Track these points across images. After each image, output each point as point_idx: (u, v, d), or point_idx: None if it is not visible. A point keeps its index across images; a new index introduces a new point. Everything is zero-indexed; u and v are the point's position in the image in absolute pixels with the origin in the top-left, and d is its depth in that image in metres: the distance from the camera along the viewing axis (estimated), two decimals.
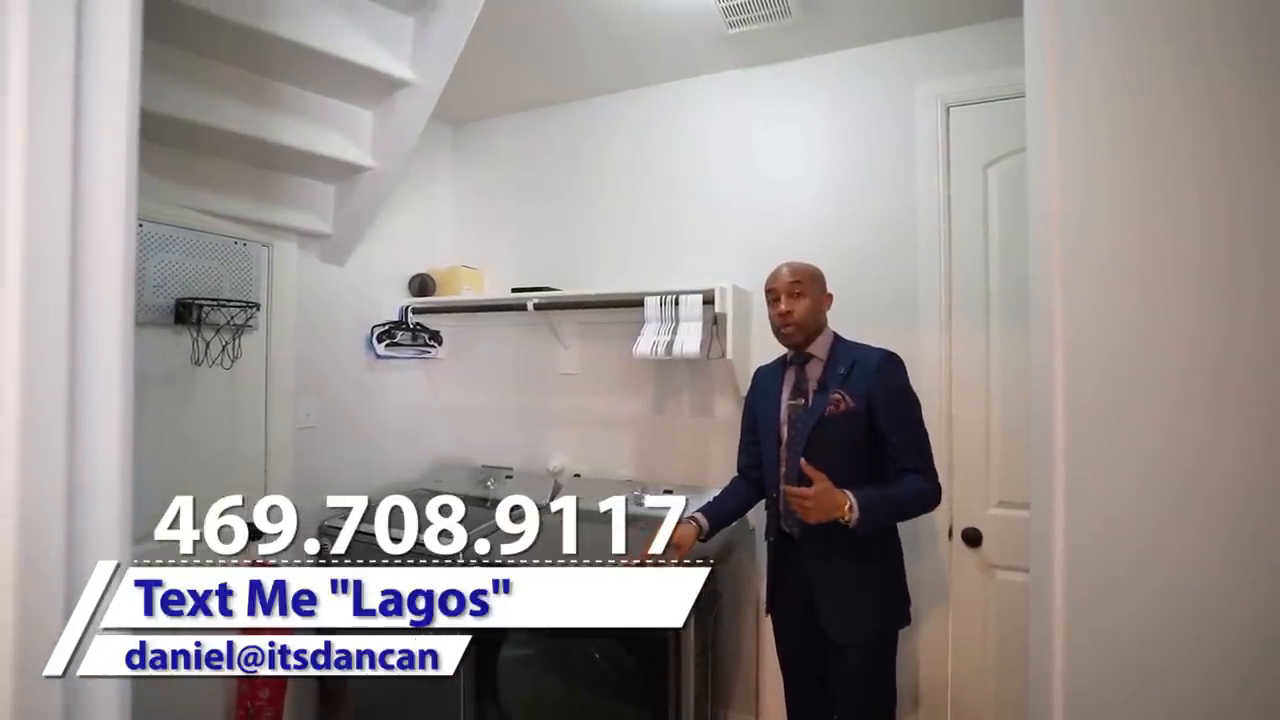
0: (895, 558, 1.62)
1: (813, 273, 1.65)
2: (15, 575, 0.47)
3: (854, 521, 1.41)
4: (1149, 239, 0.63)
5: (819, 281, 1.65)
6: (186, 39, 1.58)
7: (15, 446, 0.46)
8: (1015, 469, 1.88)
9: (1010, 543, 1.88)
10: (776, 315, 1.63)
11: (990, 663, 1.90)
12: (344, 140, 1.98)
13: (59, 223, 0.50)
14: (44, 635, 0.49)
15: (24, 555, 0.47)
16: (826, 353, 1.63)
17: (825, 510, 1.41)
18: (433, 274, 2.62)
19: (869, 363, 1.57)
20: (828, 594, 1.55)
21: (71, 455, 0.48)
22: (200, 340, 1.86)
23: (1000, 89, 1.90)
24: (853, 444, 1.54)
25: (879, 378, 1.54)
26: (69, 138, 0.51)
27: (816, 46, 2.13)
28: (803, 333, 1.61)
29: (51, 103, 0.49)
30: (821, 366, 1.62)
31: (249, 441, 2.05)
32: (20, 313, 0.48)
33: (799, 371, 1.66)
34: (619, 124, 2.50)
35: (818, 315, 1.63)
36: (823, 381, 1.60)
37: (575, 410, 2.54)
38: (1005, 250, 1.92)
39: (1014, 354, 1.89)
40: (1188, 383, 0.59)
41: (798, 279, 1.62)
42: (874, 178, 2.08)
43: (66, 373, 0.48)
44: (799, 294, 1.60)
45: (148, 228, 1.75)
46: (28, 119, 0.48)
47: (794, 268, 1.64)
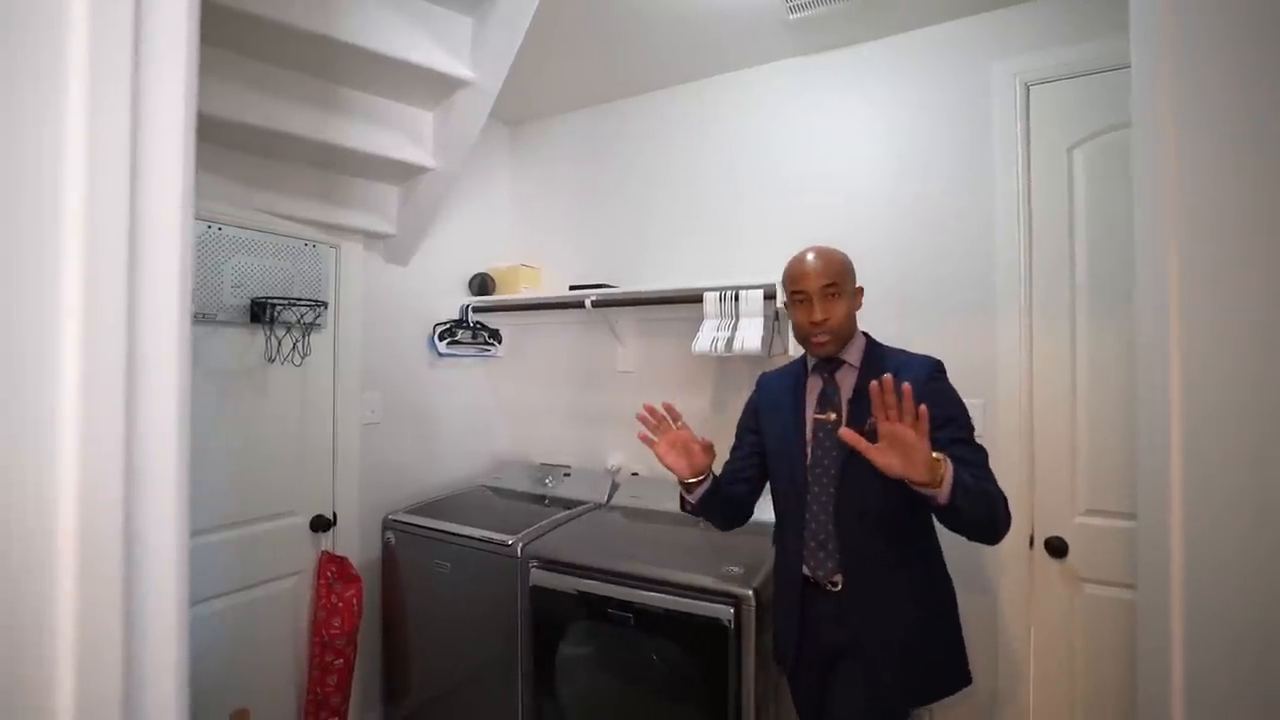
0: (953, 601, 1.37)
1: (846, 265, 1.38)
2: (76, 556, 0.48)
3: (946, 485, 1.09)
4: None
5: (853, 275, 1.39)
6: (258, 47, 1.64)
7: (76, 431, 0.47)
8: (1104, 475, 1.74)
9: (1100, 554, 1.74)
10: (807, 323, 1.35)
11: (1077, 685, 1.76)
12: (406, 141, 2.02)
13: (118, 218, 0.50)
14: (104, 614, 0.49)
15: (85, 537, 0.48)
16: (860, 358, 1.38)
17: (914, 462, 1.06)
18: (492, 273, 2.66)
19: (914, 370, 1.29)
20: (883, 654, 1.28)
21: (129, 441, 0.48)
22: (273, 338, 1.94)
23: (1086, 63, 1.76)
24: None
25: (928, 387, 1.24)
26: (127, 137, 0.51)
27: (881, 29, 2.03)
28: (837, 342, 1.36)
29: (110, 105, 0.49)
30: (856, 375, 1.36)
31: (318, 436, 2.12)
32: (81, 304, 0.48)
33: (827, 380, 1.40)
34: (676, 119, 2.47)
35: (853, 317, 1.38)
36: (859, 391, 1.33)
37: (633, 408, 2.50)
38: (1093, 240, 1.77)
39: (1102, 352, 1.75)
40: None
41: (832, 279, 1.33)
42: (945, 165, 1.97)
43: (125, 359, 0.48)
44: (834, 295, 1.33)
45: (226, 230, 1.84)
46: (88, 122, 0.49)
47: (826, 260, 1.35)
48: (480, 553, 1.95)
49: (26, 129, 0.46)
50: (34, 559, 0.46)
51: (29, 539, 0.46)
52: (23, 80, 0.46)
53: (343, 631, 2.00)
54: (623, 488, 2.36)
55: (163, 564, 0.53)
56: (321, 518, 2.12)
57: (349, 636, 2.02)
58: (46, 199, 0.47)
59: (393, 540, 2.17)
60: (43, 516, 0.47)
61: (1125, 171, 1.72)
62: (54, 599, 0.47)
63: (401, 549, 2.16)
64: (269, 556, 1.98)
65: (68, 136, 0.46)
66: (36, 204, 0.47)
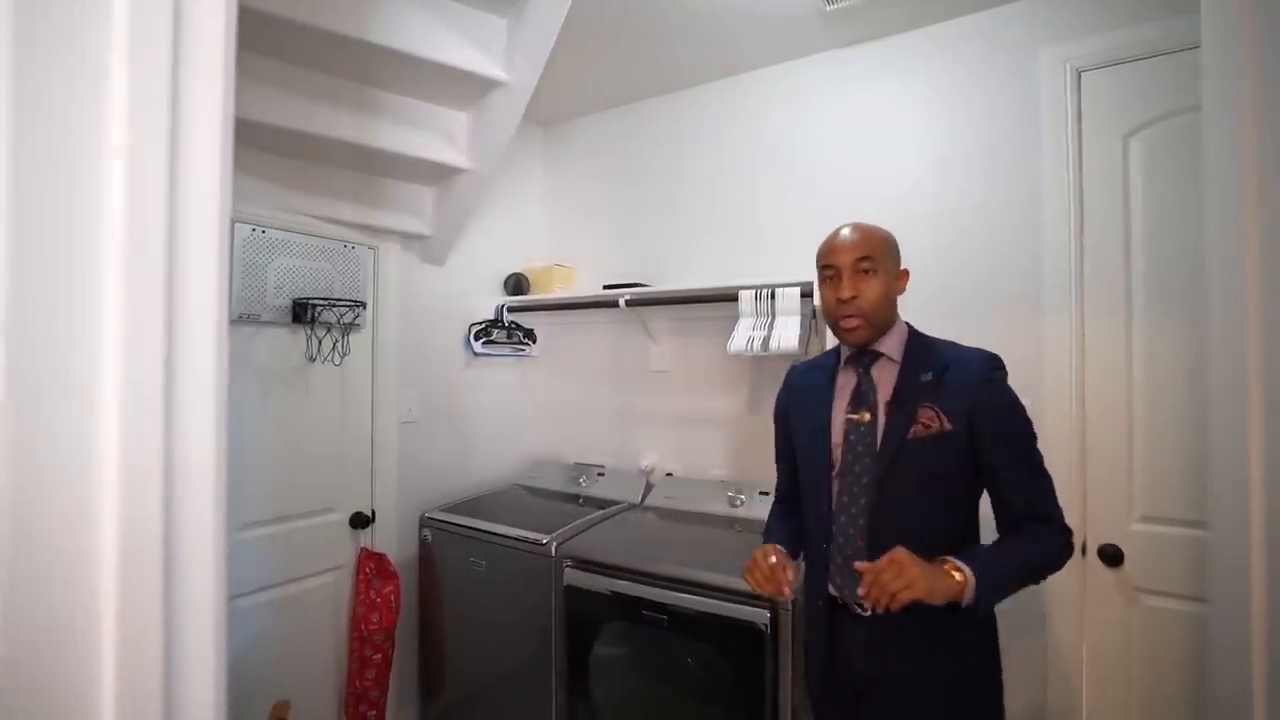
0: (994, 635, 1.22)
1: (886, 241, 1.22)
2: (117, 554, 0.48)
3: (970, 599, 1.01)
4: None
5: (894, 253, 1.22)
6: (294, 52, 1.67)
7: (117, 431, 0.47)
8: (1163, 480, 1.65)
9: (1158, 563, 1.65)
10: (835, 301, 1.20)
11: (1134, 702, 1.67)
12: (441, 143, 2.04)
13: (157, 219, 0.51)
14: (145, 610, 0.50)
15: (125, 532, 0.49)
16: (901, 351, 1.21)
17: (934, 586, 0.99)
18: (527, 273, 2.67)
19: (969, 367, 1.15)
20: (915, 690, 1.14)
21: (169, 438, 0.49)
22: (314, 338, 1.98)
23: (1143, 46, 1.67)
24: (945, 481, 1.14)
25: (988, 390, 1.13)
26: (166, 138, 0.51)
27: (922, 17, 1.97)
28: (871, 328, 1.19)
29: (150, 108, 0.50)
30: (896, 370, 1.20)
31: (357, 434, 2.16)
32: (123, 305, 0.49)
33: (862, 375, 1.23)
34: (709, 116, 2.44)
35: (892, 301, 1.21)
36: (900, 391, 1.18)
37: (667, 408, 2.50)
38: (1151, 232, 1.68)
39: (1161, 350, 1.66)
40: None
41: (867, 252, 1.18)
42: (990, 157, 1.89)
43: (164, 358, 0.49)
44: (868, 270, 1.17)
45: (270, 233, 1.88)
46: (130, 125, 0.49)
47: (863, 233, 1.20)
48: (515, 552, 1.96)
49: (71, 135, 0.47)
50: (76, 557, 0.47)
51: (71, 538, 0.47)
52: (66, 89, 0.47)
53: (381, 627, 2.03)
54: (657, 488, 2.34)
55: (202, 561, 0.54)
56: (360, 515, 2.15)
57: (387, 632, 2.05)
58: (89, 204, 0.48)
59: (429, 538, 2.20)
60: (85, 516, 0.47)
61: (1188, 159, 1.64)
62: (95, 596, 0.48)
63: (438, 546, 2.18)
64: (310, 552, 2.02)
65: (109, 140, 0.47)
66: (79, 210, 0.47)
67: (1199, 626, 1.55)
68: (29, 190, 0.44)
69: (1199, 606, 1.55)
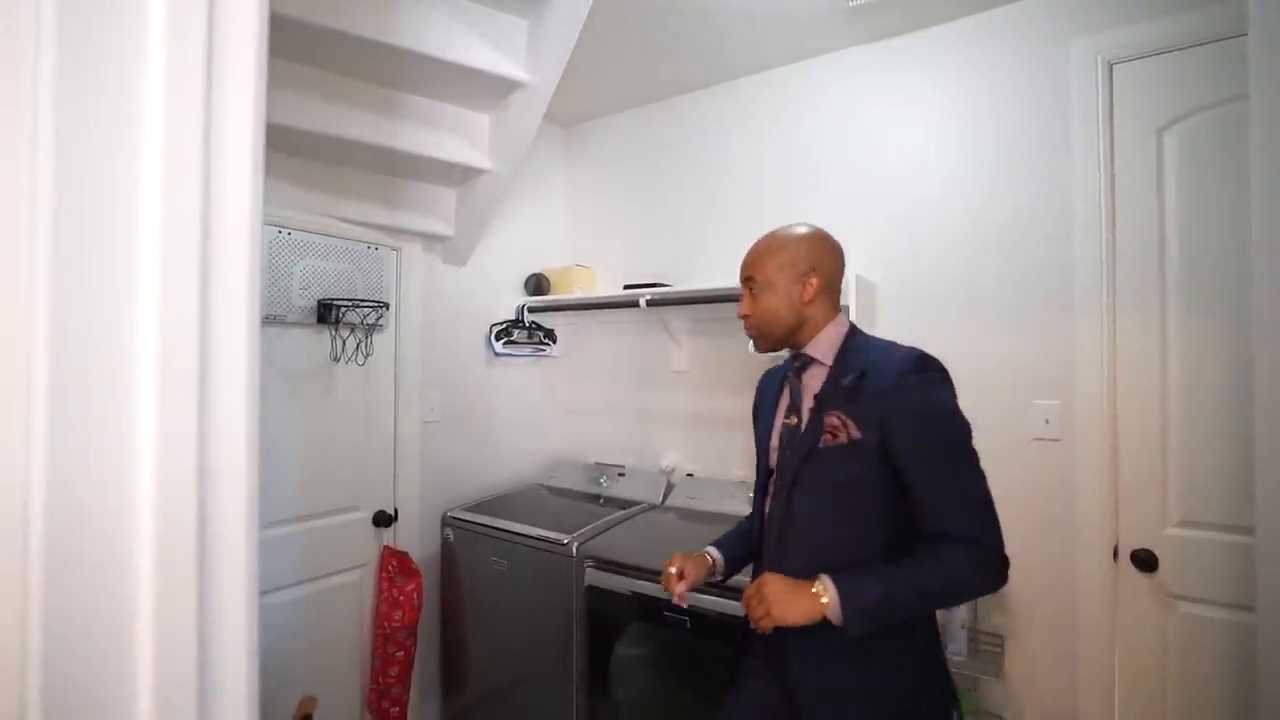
0: (922, 654, 1.11)
1: (775, 252, 1.18)
2: (153, 554, 0.49)
3: (836, 619, 0.97)
4: None
5: (790, 259, 1.17)
6: (319, 55, 1.69)
7: (153, 431, 0.48)
8: (1200, 483, 1.60)
9: (1196, 570, 1.60)
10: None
11: (1169, 711, 1.63)
12: (463, 144, 2.05)
13: (191, 222, 0.51)
14: (179, 606, 0.51)
15: (161, 531, 0.49)
16: (833, 355, 1.15)
17: (787, 611, 0.99)
18: (547, 273, 2.68)
19: (885, 370, 1.06)
20: (824, 707, 1.09)
21: (203, 438, 0.49)
22: (338, 338, 2.00)
23: (1178, 37, 1.63)
24: (855, 491, 1.08)
25: (898, 396, 1.03)
26: (200, 141, 0.52)
27: (948, 11, 1.93)
28: (767, 339, 1.20)
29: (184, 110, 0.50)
30: (824, 374, 1.15)
31: (379, 433, 2.18)
32: (159, 301, 0.49)
33: (792, 380, 1.22)
34: (728, 116, 2.43)
35: (794, 309, 1.16)
36: (820, 396, 1.13)
37: (688, 408, 2.49)
38: (1186, 228, 1.64)
39: (1197, 350, 1.61)
40: None
41: (749, 272, 1.19)
42: (1018, 153, 1.86)
43: (197, 360, 0.49)
44: (755, 291, 1.19)
45: (295, 235, 1.91)
46: (165, 128, 0.50)
47: (753, 251, 1.21)
48: (536, 551, 1.96)
49: (106, 140, 0.48)
50: (113, 555, 0.48)
51: (109, 536, 0.47)
52: (102, 93, 0.47)
53: (403, 624, 2.05)
54: (678, 488, 2.34)
55: (235, 559, 0.54)
56: (383, 513, 2.18)
57: (410, 629, 2.07)
58: (124, 206, 0.48)
59: (451, 537, 2.21)
60: (122, 515, 0.48)
61: (1224, 154, 1.59)
62: (132, 592, 0.49)
63: (460, 545, 2.19)
64: (334, 550, 2.05)
65: (144, 142, 0.47)
66: (116, 212, 0.48)
67: (1241, 635, 1.50)
68: (68, 192, 0.45)
69: (1241, 614, 1.49)
